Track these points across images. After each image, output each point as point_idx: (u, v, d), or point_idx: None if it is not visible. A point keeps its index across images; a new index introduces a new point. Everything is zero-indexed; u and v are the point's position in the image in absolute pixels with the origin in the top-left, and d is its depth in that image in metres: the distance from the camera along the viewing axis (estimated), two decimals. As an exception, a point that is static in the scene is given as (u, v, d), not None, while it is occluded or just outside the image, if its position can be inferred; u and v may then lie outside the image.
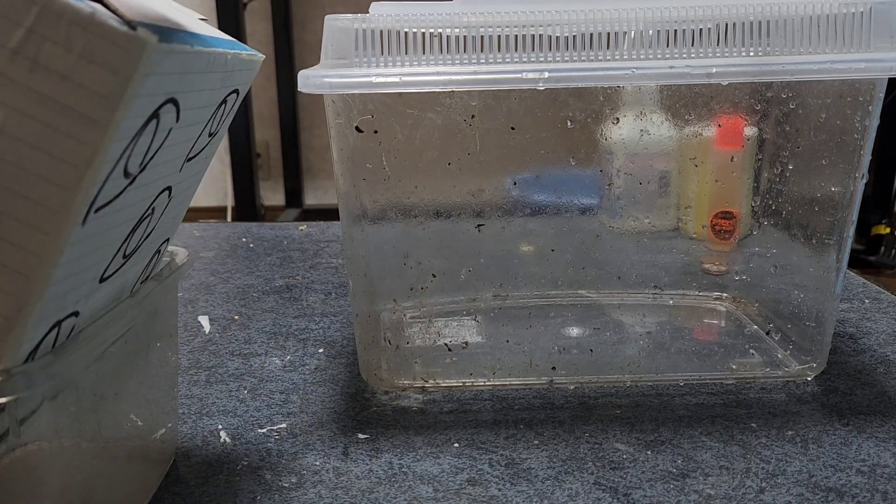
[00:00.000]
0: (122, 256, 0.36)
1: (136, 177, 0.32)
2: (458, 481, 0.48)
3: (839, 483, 0.47)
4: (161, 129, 0.32)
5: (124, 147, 0.29)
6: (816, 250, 0.61)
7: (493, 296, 0.67)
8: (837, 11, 0.52)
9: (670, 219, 0.68)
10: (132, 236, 0.36)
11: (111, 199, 0.30)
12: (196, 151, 0.40)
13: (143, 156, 0.31)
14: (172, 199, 0.39)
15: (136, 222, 0.35)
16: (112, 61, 0.26)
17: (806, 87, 0.59)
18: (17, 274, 0.28)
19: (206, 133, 0.40)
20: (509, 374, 0.61)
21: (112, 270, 0.35)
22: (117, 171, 0.29)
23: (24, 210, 0.28)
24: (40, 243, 0.28)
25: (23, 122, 0.27)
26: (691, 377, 0.61)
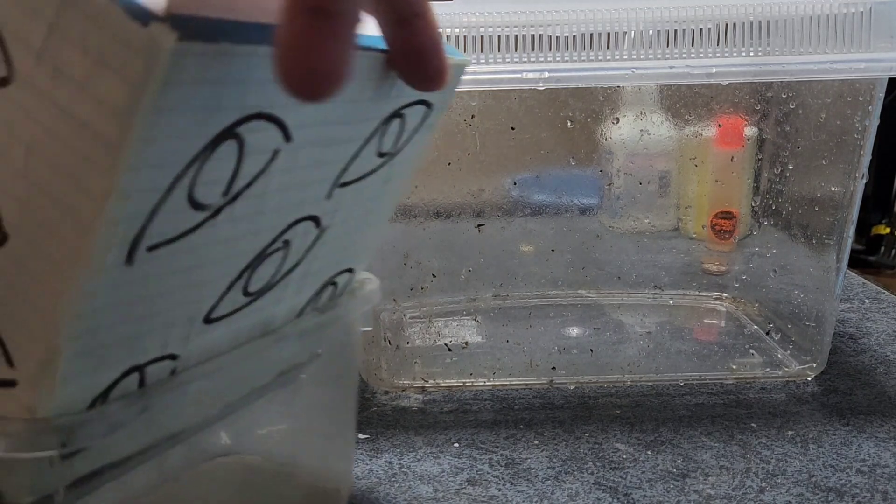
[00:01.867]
0: (241, 294, 0.32)
1: (222, 208, 0.27)
2: (458, 481, 0.48)
3: (839, 483, 0.47)
4: (252, 151, 0.26)
5: (175, 174, 0.24)
6: (816, 250, 0.61)
7: (493, 296, 0.67)
8: (837, 11, 0.52)
9: (670, 219, 0.68)
10: (252, 273, 0.31)
11: (179, 235, 0.26)
12: (357, 175, 0.33)
13: (228, 183, 0.26)
14: (330, 230, 0.34)
15: (252, 257, 0.31)
16: (123, 67, 0.21)
17: (806, 87, 0.59)
18: (44, 317, 0.25)
19: (369, 153, 0.33)
20: (509, 374, 0.61)
21: (227, 310, 0.31)
22: (174, 203, 0.24)
23: (49, 245, 0.24)
24: (62, 284, 0.24)
25: (47, 140, 0.23)
26: (691, 377, 0.61)
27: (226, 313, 0.32)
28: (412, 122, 0.34)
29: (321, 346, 0.42)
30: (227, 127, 0.24)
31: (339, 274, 0.39)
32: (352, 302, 0.41)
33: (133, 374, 0.29)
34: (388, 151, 0.34)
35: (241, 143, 0.26)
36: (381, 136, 0.33)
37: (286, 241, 0.32)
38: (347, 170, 0.33)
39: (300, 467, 0.45)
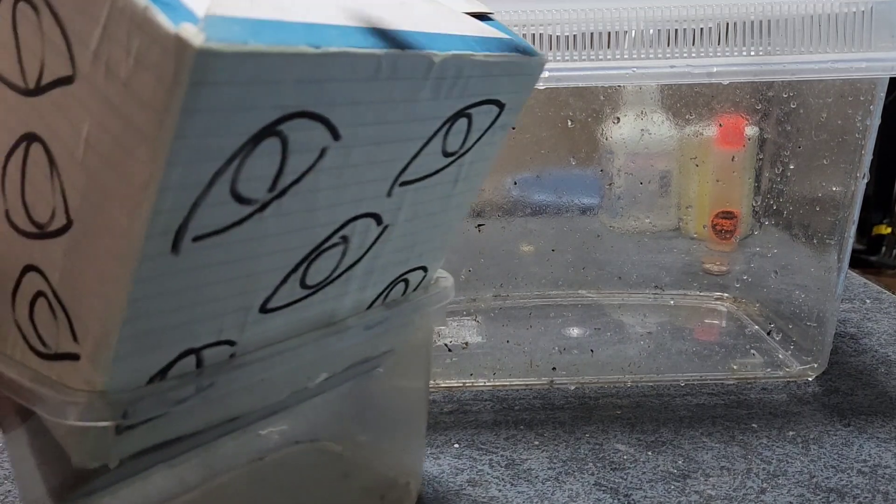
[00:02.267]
0: (299, 286, 0.32)
1: (269, 203, 0.28)
2: (458, 482, 0.48)
3: (840, 484, 0.47)
4: (297, 149, 0.27)
5: (215, 170, 0.25)
6: (817, 250, 0.61)
7: (493, 296, 0.67)
8: (838, 11, 0.52)
9: (671, 218, 0.68)
10: (309, 267, 0.32)
11: (225, 227, 0.27)
12: (419, 174, 0.33)
13: (273, 179, 0.27)
14: (394, 228, 0.35)
15: (308, 251, 0.31)
16: (158, 67, 0.22)
17: (807, 87, 0.58)
18: (101, 298, 0.26)
19: (433, 153, 0.33)
20: (510, 374, 0.61)
21: (284, 301, 0.32)
22: (217, 197, 0.25)
23: (103, 232, 0.25)
24: (114, 269, 0.26)
25: (100, 135, 0.24)
26: (692, 377, 0.61)
27: (283, 304, 0.32)
28: (481, 121, 0.34)
29: (393, 342, 0.42)
30: (267, 125, 0.25)
31: (410, 272, 0.39)
32: (424, 298, 0.41)
33: (189, 357, 0.30)
34: (454, 151, 0.34)
35: (285, 141, 0.26)
36: (445, 135, 0.33)
37: (344, 237, 0.32)
38: (408, 169, 0.32)
39: (375, 460, 0.46)
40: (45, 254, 0.28)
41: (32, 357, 0.30)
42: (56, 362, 0.29)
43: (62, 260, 0.27)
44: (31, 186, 0.28)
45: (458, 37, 0.30)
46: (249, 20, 0.23)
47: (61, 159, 0.26)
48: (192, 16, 0.22)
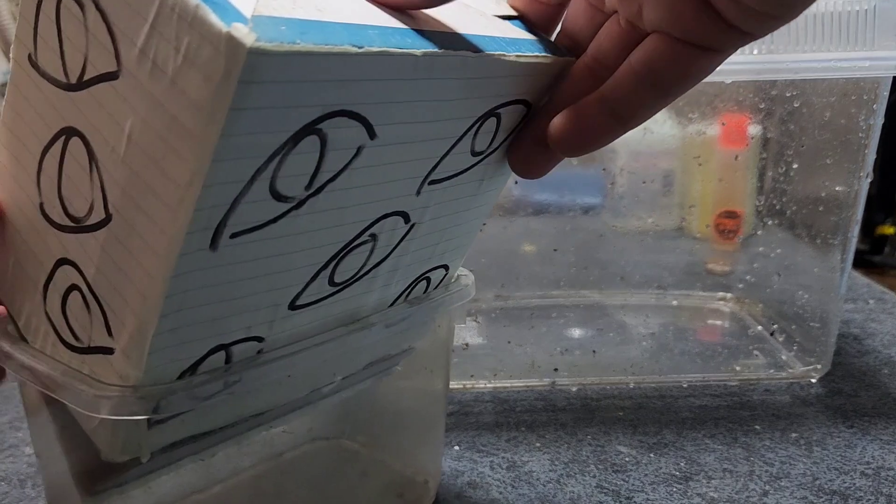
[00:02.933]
0: (328, 284, 0.33)
1: (306, 201, 0.28)
2: (459, 484, 0.48)
3: (843, 486, 0.46)
4: (335, 147, 0.27)
5: (257, 167, 0.25)
6: (821, 250, 0.61)
7: (494, 296, 0.67)
8: (842, 9, 0.52)
9: (674, 218, 0.68)
10: (339, 264, 0.32)
11: (262, 224, 0.27)
12: (448, 173, 0.34)
13: (311, 177, 0.27)
14: (420, 226, 0.35)
15: (338, 249, 0.32)
16: (207, 65, 0.22)
17: (810, 86, 0.58)
18: (138, 293, 0.27)
19: (462, 152, 0.33)
20: (511, 375, 0.61)
21: (312, 298, 0.33)
22: (256, 194, 0.26)
23: (143, 227, 0.26)
24: (153, 264, 0.26)
25: (144, 130, 0.25)
26: (695, 379, 0.61)
27: (311, 301, 0.33)
28: (509, 121, 0.34)
29: (413, 339, 0.43)
30: (308, 123, 0.25)
31: (433, 270, 0.39)
32: (445, 296, 0.41)
33: (219, 353, 0.31)
34: (482, 151, 0.34)
35: (324, 139, 0.26)
36: (474, 134, 0.33)
37: (373, 234, 0.33)
38: (437, 168, 0.33)
39: (394, 458, 0.47)
40: (81, 248, 0.28)
41: (63, 350, 0.31)
42: (88, 356, 0.30)
43: (99, 254, 0.28)
44: (68, 180, 0.28)
45: (490, 38, 0.31)
46: (295, 20, 0.23)
47: (102, 154, 0.26)
48: (241, 16, 0.22)
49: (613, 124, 0.32)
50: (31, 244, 0.31)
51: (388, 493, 0.45)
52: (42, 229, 0.30)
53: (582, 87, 0.33)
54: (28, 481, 0.49)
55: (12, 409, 0.59)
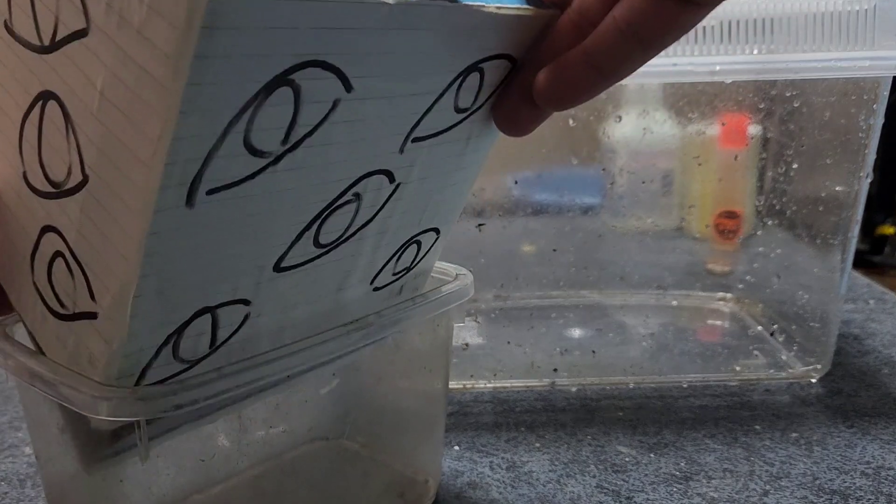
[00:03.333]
0: (313, 245, 0.32)
1: (283, 156, 0.27)
2: (459, 484, 0.47)
3: (843, 486, 0.46)
4: (310, 99, 0.26)
5: (229, 119, 0.25)
6: (821, 250, 0.61)
7: (493, 296, 0.67)
8: (842, 9, 0.52)
9: (673, 218, 0.67)
10: (322, 224, 0.32)
11: (239, 181, 0.27)
12: (432, 130, 0.33)
13: (286, 131, 0.27)
14: (406, 186, 0.34)
15: (321, 208, 0.31)
16: (171, 12, 0.22)
17: (810, 86, 0.58)
18: (117, 253, 0.26)
19: (445, 108, 0.33)
20: (510, 375, 0.61)
21: (298, 260, 0.32)
22: (230, 148, 0.25)
23: (119, 185, 0.25)
24: (130, 223, 0.25)
25: (115, 85, 0.24)
26: (695, 379, 0.61)
27: (297, 263, 0.32)
28: (493, 76, 0.33)
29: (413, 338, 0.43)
30: (279, 73, 0.25)
31: (423, 233, 0.39)
32: (444, 296, 0.41)
33: (205, 315, 0.30)
34: (467, 107, 0.34)
35: (297, 91, 0.26)
36: (457, 90, 0.32)
37: (357, 194, 0.32)
38: (420, 124, 0.32)
39: (394, 458, 0.47)
40: (63, 213, 0.28)
41: (51, 319, 0.31)
42: (74, 322, 0.29)
43: (79, 217, 0.27)
44: (47, 145, 0.28)
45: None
46: None
47: (77, 114, 0.26)
48: None
49: (596, 77, 0.32)
50: (18, 216, 0.31)
51: (388, 493, 0.45)
52: (27, 199, 0.29)
53: (566, 41, 0.32)
54: (28, 481, 0.49)
55: (12, 409, 0.59)
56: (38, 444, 0.39)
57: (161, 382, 0.31)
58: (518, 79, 0.34)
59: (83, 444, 0.34)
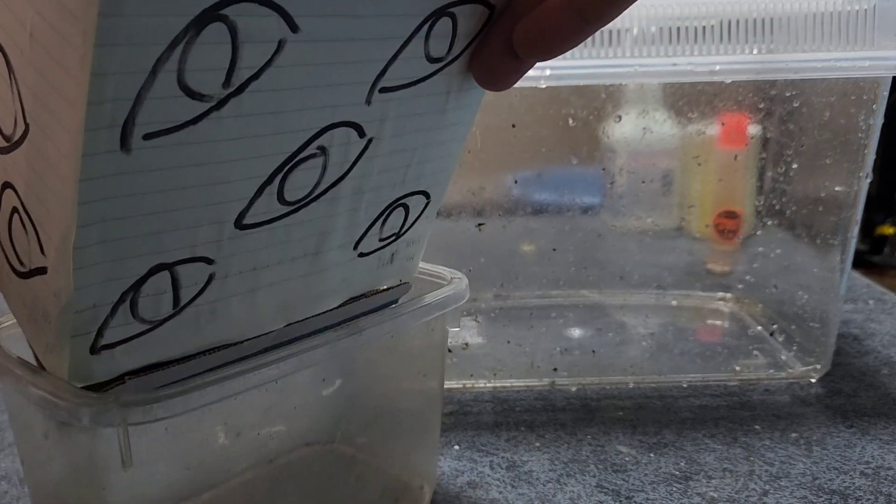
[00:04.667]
0: (277, 202, 0.31)
1: (227, 100, 0.26)
2: (459, 484, 0.47)
3: (843, 485, 0.46)
4: (249, 39, 0.25)
5: (157, 56, 0.23)
6: (820, 250, 0.61)
7: (493, 296, 0.67)
8: (841, 9, 0.52)
9: (673, 218, 0.67)
10: (286, 179, 0.30)
11: (178, 126, 0.25)
12: (402, 80, 0.31)
13: (227, 73, 0.25)
14: (380, 143, 0.33)
15: (282, 161, 0.30)
16: None
17: (810, 86, 0.58)
18: (57, 201, 0.25)
19: (415, 56, 0.31)
20: (510, 375, 0.61)
21: (263, 217, 0.31)
22: (164, 89, 0.24)
23: (53, 130, 0.24)
24: (65, 168, 0.24)
25: (41, 24, 0.23)
26: (694, 379, 0.61)
27: (262, 221, 0.31)
28: (468, 24, 0.32)
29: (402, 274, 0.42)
30: (208, 7, 0.23)
31: (409, 196, 0.37)
32: (439, 300, 0.41)
33: (162, 273, 0.29)
34: (440, 57, 0.32)
35: (233, 29, 0.24)
36: (426, 36, 0.31)
37: (322, 147, 0.31)
38: (387, 73, 0.30)
39: (388, 463, 0.46)
40: (15, 166, 0.27)
41: (14, 279, 0.30)
42: (30, 279, 0.29)
43: (25, 168, 0.26)
44: (0, 101, 0.27)
45: None
46: None
47: (15, 61, 0.25)
48: None
49: (580, 23, 0.30)
50: None
51: (383, 498, 0.45)
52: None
53: None
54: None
55: (11, 409, 0.59)
56: (23, 450, 0.38)
57: (123, 342, 0.30)
58: (497, 28, 0.32)
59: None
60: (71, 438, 0.33)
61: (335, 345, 0.36)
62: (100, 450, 0.32)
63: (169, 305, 0.30)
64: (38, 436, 0.35)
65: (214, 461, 0.41)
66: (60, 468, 0.35)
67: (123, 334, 0.30)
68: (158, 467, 0.37)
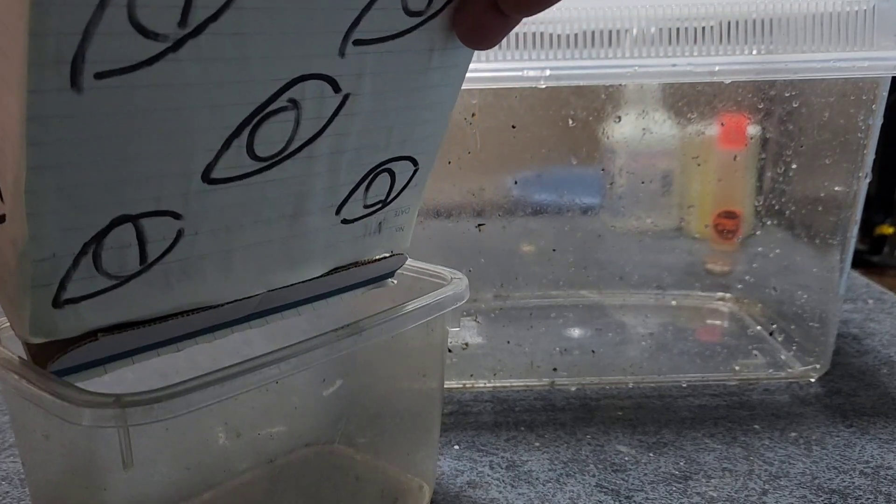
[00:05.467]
0: (248, 156, 0.30)
1: (183, 42, 0.25)
2: (459, 484, 0.48)
3: (842, 485, 0.47)
4: None
5: None
6: (820, 250, 0.61)
7: (493, 296, 0.67)
8: (841, 9, 0.52)
9: (673, 218, 0.68)
10: (255, 132, 0.29)
11: (132, 66, 0.24)
12: (377, 34, 0.30)
13: (182, 11, 0.24)
14: (358, 99, 0.32)
15: (250, 112, 0.29)
16: None
17: (809, 86, 0.58)
18: (9, 142, 0.24)
19: (390, 8, 0.30)
20: (510, 375, 0.61)
21: (232, 173, 0.30)
22: (114, 24, 0.23)
23: (4, 67, 0.23)
24: (13, 105, 0.23)
25: None
26: (694, 378, 0.61)
27: (232, 176, 0.30)
28: None
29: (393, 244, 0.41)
30: None
31: (394, 161, 0.36)
32: (438, 300, 0.41)
33: (126, 225, 0.28)
34: (419, 11, 0.31)
35: None
36: None
37: (293, 100, 0.30)
38: (360, 23, 0.29)
39: (388, 463, 0.46)
40: None
41: None
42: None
43: None
44: None
45: None
46: None
47: None
48: None
49: None
50: None
51: (382, 499, 0.45)
52: None
53: None
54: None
55: (12, 409, 0.59)
56: (23, 451, 0.38)
57: (88, 298, 0.29)
58: None
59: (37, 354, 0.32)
60: (71, 439, 0.33)
61: (335, 345, 0.36)
62: (100, 450, 0.32)
63: (136, 261, 0.30)
64: (38, 436, 0.35)
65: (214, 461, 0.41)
66: (60, 469, 0.35)
67: (88, 288, 0.29)
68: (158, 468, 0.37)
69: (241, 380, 0.32)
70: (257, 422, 0.42)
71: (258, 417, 0.42)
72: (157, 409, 0.29)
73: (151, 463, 0.35)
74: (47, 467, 0.36)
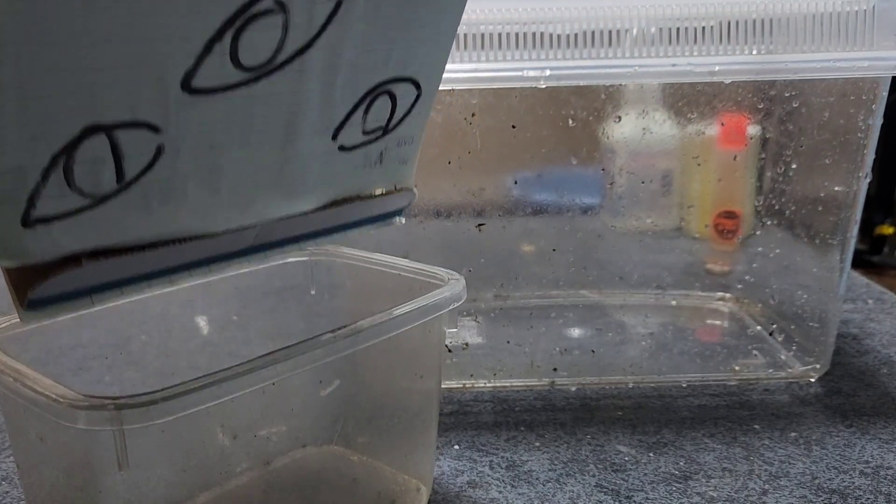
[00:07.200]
0: (232, 64, 0.28)
1: None
2: (459, 483, 0.47)
3: (842, 485, 0.46)
4: None
5: None
6: (820, 250, 0.61)
7: (493, 296, 0.67)
8: (841, 9, 0.52)
9: (673, 218, 0.68)
10: (239, 37, 0.27)
11: None
12: None
13: None
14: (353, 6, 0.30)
15: (230, 13, 0.26)
16: None
17: (809, 86, 0.58)
18: None
19: None
20: (510, 375, 0.61)
21: (214, 82, 0.28)
22: None
23: None
24: None
25: None
26: (694, 378, 0.61)
27: (214, 86, 0.28)
28: None
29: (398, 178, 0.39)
30: None
31: (394, 83, 0.34)
32: (436, 301, 0.40)
33: (99, 136, 0.26)
34: None
35: None
36: None
37: (280, 2, 0.27)
38: None
39: (385, 464, 0.47)
40: None
41: None
42: None
43: None
44: None
45: None
46: None
47: None
48: None
49: None
50: None
51: (379, 500, 0.45)
52: None
53: None
54: (27, 481, 0.49)
55: (11, 409, 0.59)
56: (18, 453, 0.38)
57: (62, 218, 0.27)
58: None
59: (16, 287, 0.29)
60: (66, 441, 0.33)
61: (332, 346, 0.36)
62: (95, 452, 0.32)
63: (112, 178, 0.28)
64: (32, 438, 0.35)
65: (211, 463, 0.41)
66: (55, 471, 0.35)
67: (60, 207, 0.27)
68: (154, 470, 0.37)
69: (237, 381, 0.32)
70: (254, 423, 0.42)
71: (255, 419, 0.42)
72: (153, 411, 0.29)
73: (147, 465, 0.35)
74: (42, 469, 0.36)
